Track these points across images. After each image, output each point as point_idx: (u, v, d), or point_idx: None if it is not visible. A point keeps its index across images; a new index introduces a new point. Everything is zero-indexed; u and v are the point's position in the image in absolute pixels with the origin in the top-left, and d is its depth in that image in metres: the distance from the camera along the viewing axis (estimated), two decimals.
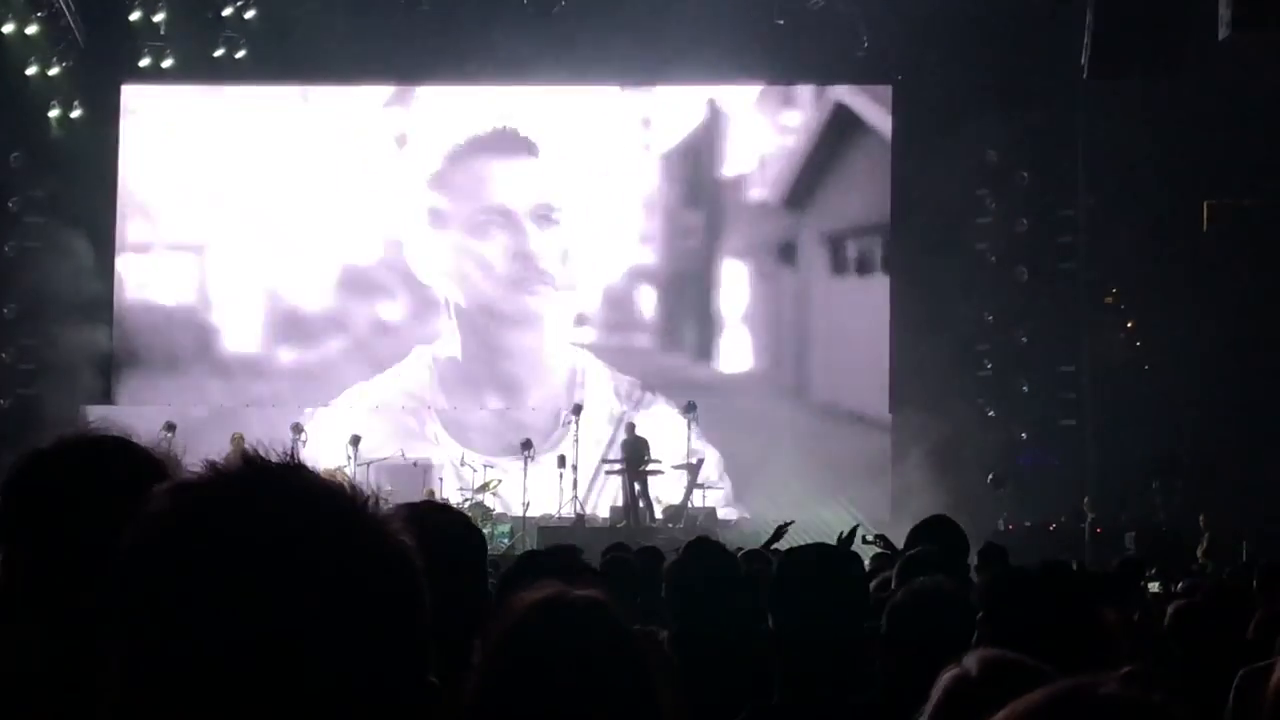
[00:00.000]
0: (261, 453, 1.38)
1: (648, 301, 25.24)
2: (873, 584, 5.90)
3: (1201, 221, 21.72)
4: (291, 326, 25.23)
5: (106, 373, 24.37)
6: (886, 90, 24.35)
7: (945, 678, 2.35)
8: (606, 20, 23.11)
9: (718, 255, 24.90)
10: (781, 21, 23.44)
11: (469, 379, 24.87)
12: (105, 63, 24.46)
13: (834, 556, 4.16)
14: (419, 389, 24.79)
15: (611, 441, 23.36)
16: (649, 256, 25.15)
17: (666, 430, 22.85)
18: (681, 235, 24.99)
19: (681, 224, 24.99)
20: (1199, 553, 18.46)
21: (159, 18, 23.88)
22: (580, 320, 25.08)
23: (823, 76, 24.22)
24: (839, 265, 24.49)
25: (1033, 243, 23.47)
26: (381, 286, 25.19)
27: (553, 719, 2.48)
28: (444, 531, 3.10)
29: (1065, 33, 20.11)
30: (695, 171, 25.06)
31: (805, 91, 24.73)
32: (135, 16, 23.76)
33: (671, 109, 25.12)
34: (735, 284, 24.84)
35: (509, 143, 25.02)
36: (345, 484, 1.37)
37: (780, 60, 23.40)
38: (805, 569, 3.96)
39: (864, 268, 24.41)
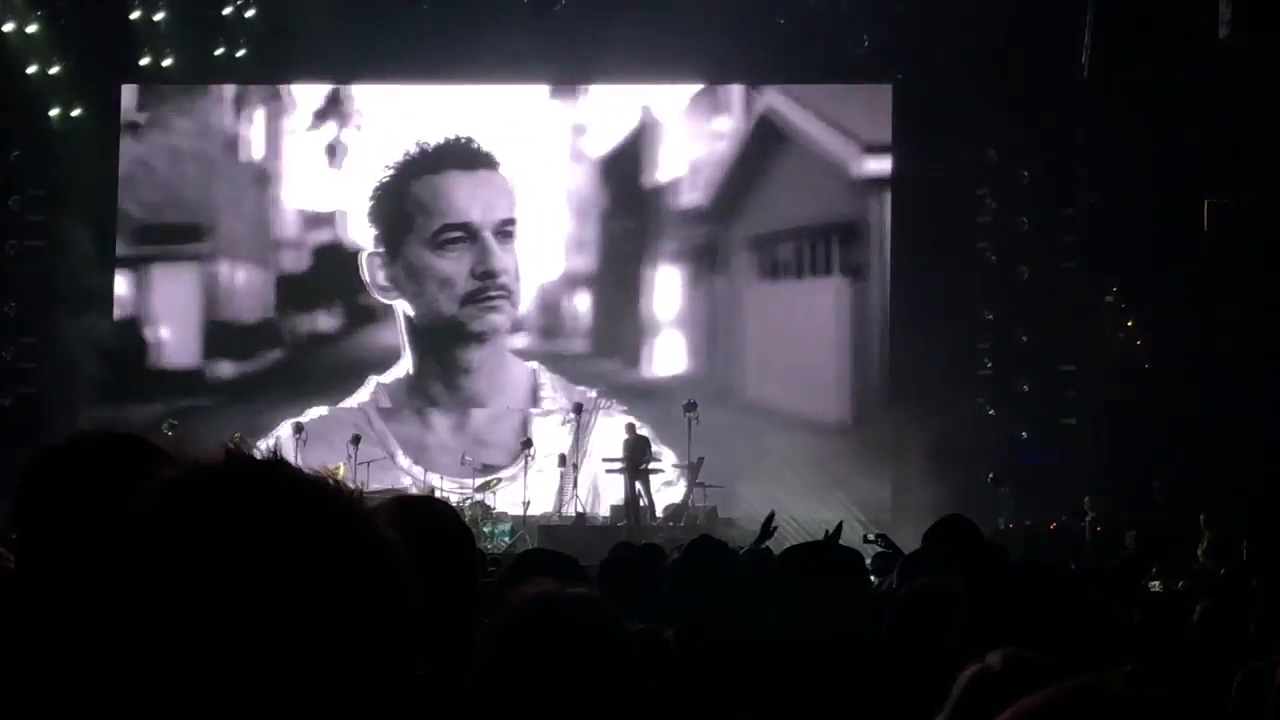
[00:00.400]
0: (246, 449, 1.38)
1: (583, 306, 25.24)
2: (880, 585, 5.90)
3: (1202, 220, 21.71)
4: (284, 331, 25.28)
5: (107, 371, 24.36)
6: (815, 94, 24.40)
7: (967, 674, 2.36)
8: (605, 20, 23.10)
9: (649, 260, 24.90)
10: (782, 21, 23.45)
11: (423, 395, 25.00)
12: (105, 62, 24.46)
13: (836, 555, 4.17)
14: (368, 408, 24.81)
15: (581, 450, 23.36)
16: (583, 263, 25.12)
17: (617, 436, 22.87)
18: (615, 240, 24.98)
19: (614, 229, 24.96)
20: (1199, 552, 18.45)
21: (159, 17, 23.89)
22: (515, 327, 25.03)
23: (822, 76, 24.21)
24: (771, 269, 24.54)
25: (1033, 241, 23.47)
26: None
27: (545, 715, 2.49)
28: (430, 526, 3.11)
29: (1066, 32, 20.15)
30: (626, 177, 25.01)
31: (737, 98, 24.71)
32: (135, 15, 23.76)
33: (607, 114, 25.09)
34: (667, 289, 24.84)
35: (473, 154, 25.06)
36: (329, 478, 1.37)
37: (780, 60, 23.38)
38: (807, 567, 3.96)
39: (799, 271, 24.44)
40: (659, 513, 22.07)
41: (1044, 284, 23.31)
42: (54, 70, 23.82)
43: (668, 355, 24.79)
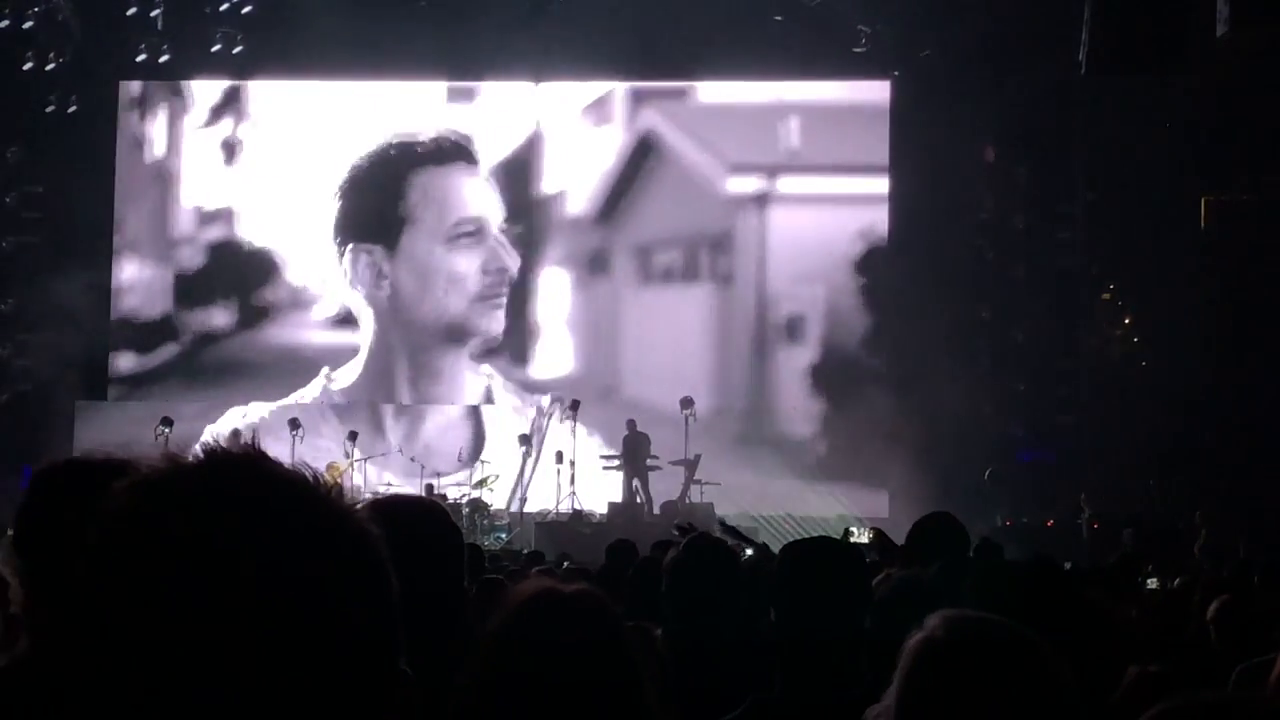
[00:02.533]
0: (223, 444, 1.37)
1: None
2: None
3: (1200, 218, 21.72)
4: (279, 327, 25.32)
5: (103, 368, 24.36)
6: (694, 114, 24.63)
7: (912, 641, 2.39)
8: (606, 17, 23.10)
9: (536, 265, 25.09)
10: (779, 18, 23.45)
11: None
12: (102, 57, 24.46)
13: (837, 550, 4.17)
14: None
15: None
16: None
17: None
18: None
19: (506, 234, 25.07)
20: (1196, 549, 18.45)
21: (156, 12, 23.89)
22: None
23: (821, 73, 24.21)
24: (650, 275, 24.83)
25: (1030, 239, 23.49)
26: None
27: (542, 711, 2.49)
28: (416, 523, 3.10)
29: (1063, 29, 20.12)
30: (518, 184, 25.24)
31: (621, 111, 24.92)
32: (132, 11, 23.75)
33: (499, 120, 25.22)
34: (555, 292, 25.06)
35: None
36: (307, 474, 1.36)
37: (778, 57, 23.37)
38: (808, 563, 3.96)
39: (681, 277, 24.66)
40: (655, 509, 22.06)
41: (1041, 282, 23.33)
42: (51, 66, 23.80)
43: (554, 356, 25.04)
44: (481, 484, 22.23)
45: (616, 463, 22.37)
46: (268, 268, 25.41)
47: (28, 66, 23.54)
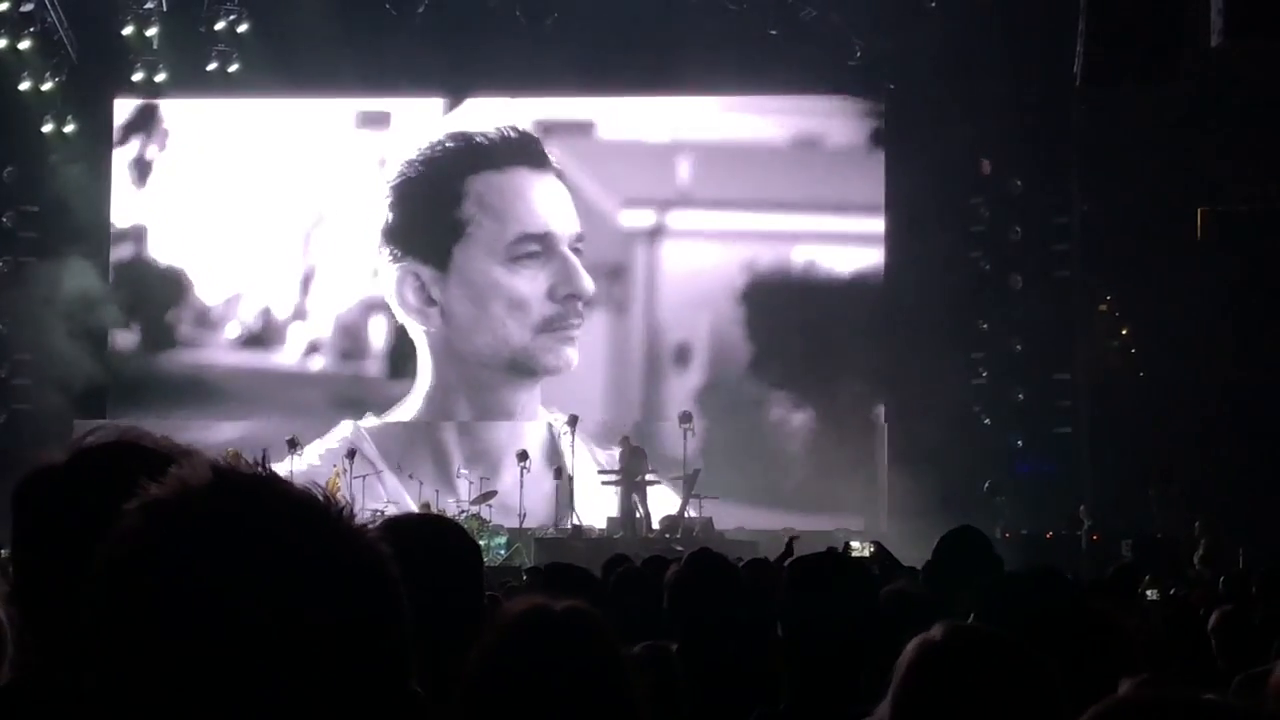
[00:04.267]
0: (234, 464, 1.37)
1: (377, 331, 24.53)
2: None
3: (1196, 228, 21.73)
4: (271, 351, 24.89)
5: (101, 387, 24.32)
6: (594, 150, 24.29)
7: (911, 646, 2.42)
8: (600, 32, 23.12)
9: None
10: (774, 32, 23.48)
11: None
12: (98, 77, 24.48)
13: (844, 565, 4.18)
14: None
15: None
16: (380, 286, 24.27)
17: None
18: None
19: None
20: (1195, 559, 18.46)
21: (151, 32, 23.91)
22: (311, 348, 24.50)
23: (815, 87, 24.24)
24: None
25: (1027, 250, 23.51)
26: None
27: None
28: (435, 541, 3.09)
29: (1058, 40, 20.16)
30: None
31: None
32: (128, 31, 23.77)
33: (412, 139, 24.38)
34: None
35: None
36: (318, 494, 1.36)
37: (772, 71, 23.39)
38: (816, 577, 3.96)
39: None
40: (655, 524, 22.04)
41: (1038, 293, 23.35)
42: (47, 85, 23.81)
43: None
44: (481, 499, 22.20)
45: (615, 478, 22.35)
46: (178, 287, 24.57)
47: (24, 86, 23.53)
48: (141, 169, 24.96)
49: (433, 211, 23.95)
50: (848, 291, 24.20)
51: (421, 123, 24.55)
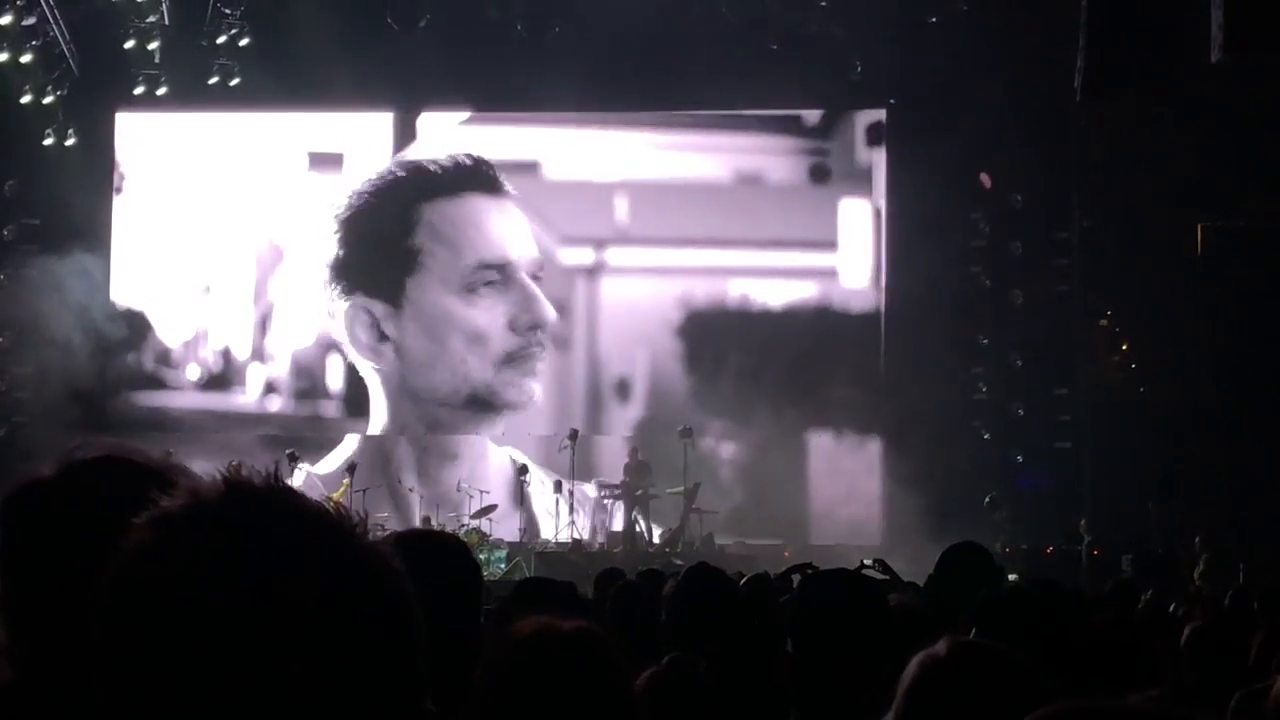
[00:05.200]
0: (245, 476, 1.35)
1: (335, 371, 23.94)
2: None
3: (1196, 244, 21.74)
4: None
5: (100, 402, 24.29)
6: (533, 190, 23.84)
7: (916, 660, 2.42)
8: (602, 47, 23.12)
9: None
10: (774, 46, 23.49)
11: None
12: (99, 90, 24.50)
13: (857, 584, 4.17)
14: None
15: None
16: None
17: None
18: None
19: None
20: (1196, 575, 18.43)
21: (153, 45, 23.93)
22: (269, 388, 24.06)
23: (816, 101, 24.27)
24: None
25: (1027, 266, 23.50)
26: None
27: None
28: (438, 558, 3.08)
29: (1059, 56, 20.19)
30: None
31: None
32: (129, 44, 23.80)
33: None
34: None
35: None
36: (333, 508, 1.34)
37: (773, 86, 23.40)
38: (828, 595, 3.95)
39: None
40: (655, 539, 22.02)
41: (1038, 308, 23.34)
42: (48, 99, 23.83)
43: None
44: (481, 514, 22.18)
45: (616, 491, 22.32)
46: (137, 329, 24.09)
47: (25, 100, 23.56)
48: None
49: (383, 243, 23.27)
50: (847, 308, 24.18)
51: (373, 160, 24.19)
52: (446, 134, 24.09)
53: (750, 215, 23.97)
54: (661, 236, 23.97)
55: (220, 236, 24.31)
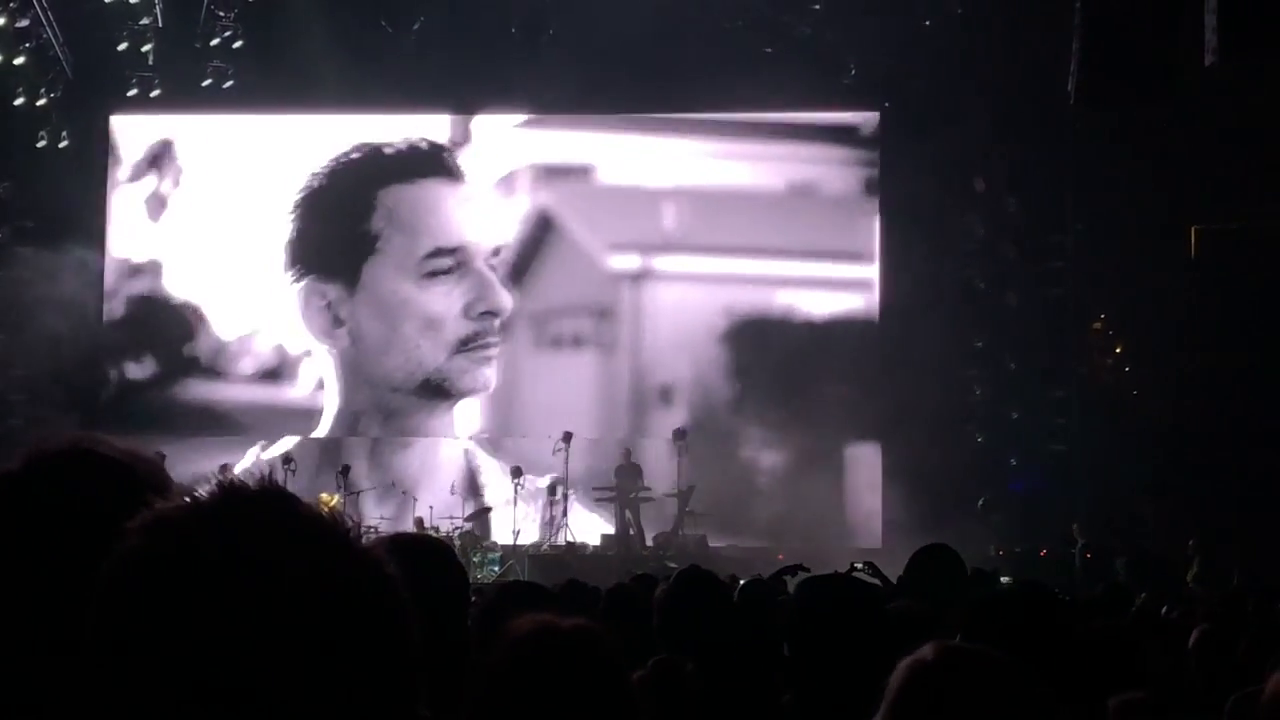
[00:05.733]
0: (241, 480, 1.34)
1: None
2: None
3: (1189, 247, 21.76)
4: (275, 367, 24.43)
5: (92, 405, 24.26)
6: (578, 193, 23.97)
7: (903, 664, 2.42)
8: (596, 50, 23.10)
9: None
10: (769, 50, 23.50)
11: None
12: (93, 93, 24.48)
13: (853, 587, 4.17)
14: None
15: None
16: None
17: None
18: None
19: None
20: (1189, 578, 18.45)
21: (147, 48, 23.91)
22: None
23: (810, 104, 24.27)
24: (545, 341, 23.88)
25: (1021, 269, 23.52)
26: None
27: None
28: (425, 563, 3.07)
29: (1053, 60, 20.21)
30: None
31: (525, 188, 23.96)
32: (123, 47, 23.77)
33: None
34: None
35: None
36: (328, 512, 1.34)
37: (768, 88, 23.39)
38: (826, 600, 3.95)
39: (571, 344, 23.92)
40: (648, 541, 22.02)
41: (1032, 311, 23.36)
42: (42, 101, 23.80)
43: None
44: (474, 516, 22.16)
45: (610, 494, 22.32)
46: (193, 321, 24.05)
47: (19, 102, 23.53)
48: (155, 202, 24.74)
49: (340, 226, 23.33)
50: (840, 315, 24.20)
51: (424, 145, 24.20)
52: (500, 136, 24.13)
53: (796, 225, 24.04)
54: (707, 244, 24.00)
55: (266, 227, 24.12)
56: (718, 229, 23.81)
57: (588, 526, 22.65)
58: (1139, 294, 21.93)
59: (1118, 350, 23.40)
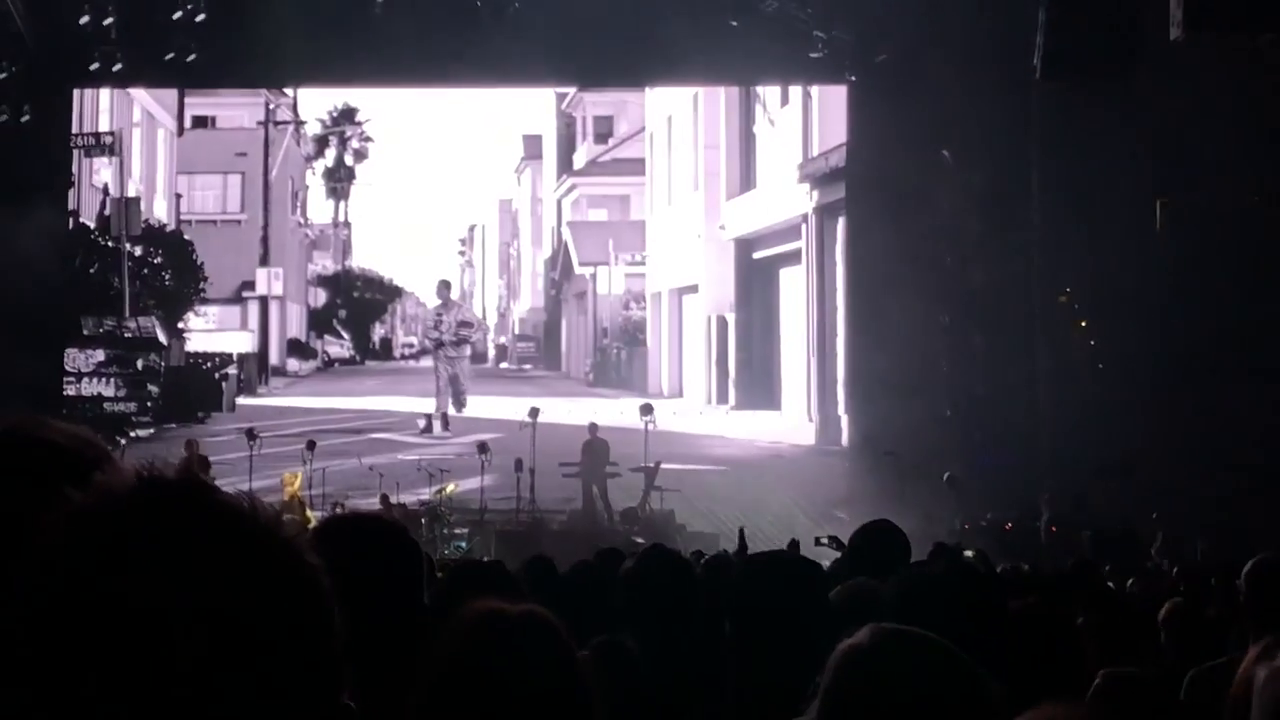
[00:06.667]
0: (158, 470, 1.32)
1: None
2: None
3: (1155, 220, 21.82)
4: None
5: (58, 387, 24.17)
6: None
7: (839, 649, 2.42)
8: (562, 23, 23.06)
9: None
10: (735, 23, 23.47)
11: None
12: (55, 67, 24.31)
13: (796, 565, 4.16)
14: None
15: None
16: None
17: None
18: None
19: None
20: (1153, 551, 18.53)
21: (109, 21, 23.75)
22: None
23: (777, 77, 24.28)
24: None
25: (987, 244, 23.55)
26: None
27: None
28: (375, 545, 3.05)
29: (1018, 34, 20.23)
30: None
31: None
32: (85, 20, 23.61)
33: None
34: None
35: None
36: (246, 503, 1.32)
37: (736, 61, 23.39)
38: (768, 577, 3.95)
39: None
40: (615, 517, 22.07)
41: (998, 286, 23.39)
42: (2, 75, 23.62)
43: None
44: (440, 493, 22.17)
45: (575, 470, 22.37)
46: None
47: None
48: (339, 178, 24.98)
49: None
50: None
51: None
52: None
53: None
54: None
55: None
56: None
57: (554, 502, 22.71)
58: (1105, 268, 21.99)
59: (1083, 324, 23.46)
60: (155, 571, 1.23)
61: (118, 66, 24.14)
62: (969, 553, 13.96)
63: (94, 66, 24.15)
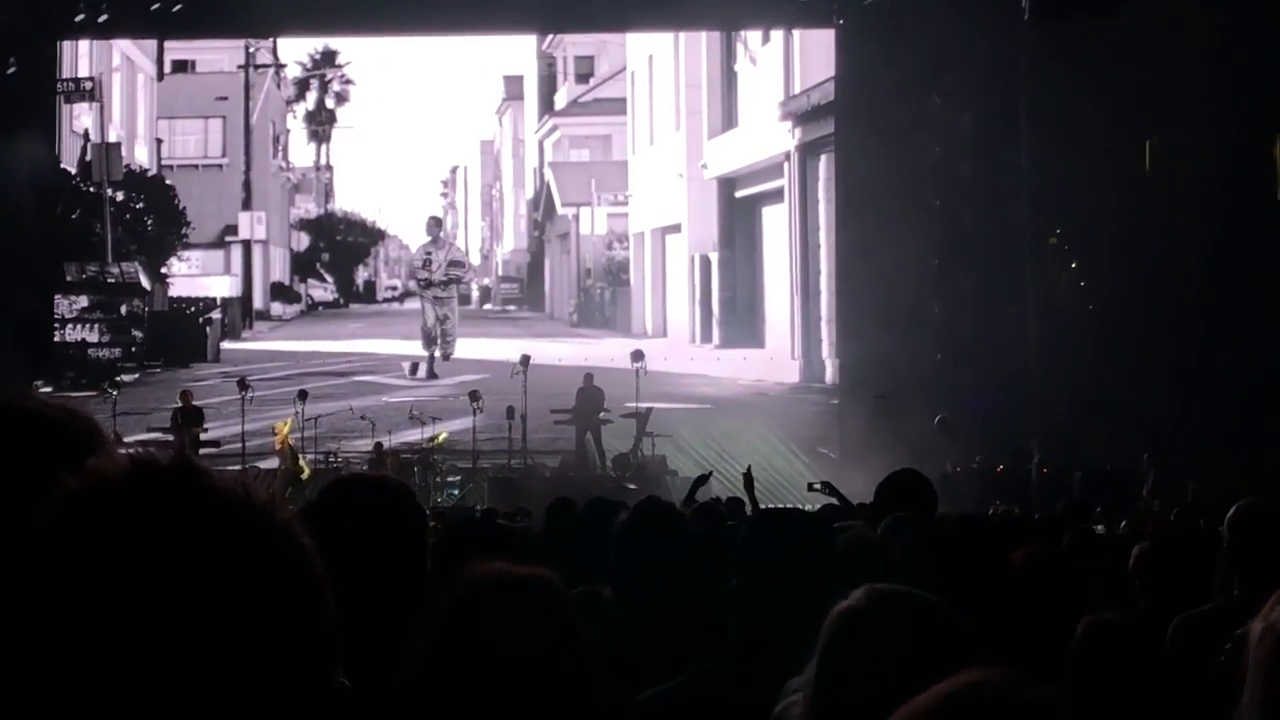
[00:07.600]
0: (153, 455, 1.33)
1: None
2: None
3: (1144, 161, 21.80)
4: None
5: (48, 340, 24.13)
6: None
7: (834, 611, 2.44)
8: None
9: None
10: None
11: None
12: (40, 19, 24.16)
13: (806, 521, 4.18)
14: None
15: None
16: None
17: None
18: None
19: None
20: (1144, 492, 18.60)
21: None
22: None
23: (765, 20, 24.18)
24: None
25: (976, 186, 23.50)
26: None
27: (494, 696, 2.49)
28: (378, 513, 3.07)
29: None
30: None
31: None
32: None
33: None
34: None
35: None
36: (240, 489, 1.33)
37: (721, 6, 23.27)
38: (777, 532, 3.96)
39: None
40: (607, 462, 22.11)
41: (987, 229, 23.36)
42: None
43: None
44: (432, 440, 22.21)
45: (568, 416, 22.39)
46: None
47: None
48: (319, 121, 24.90)
49: None
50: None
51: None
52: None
53: None
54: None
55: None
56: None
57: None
58: (1094, 209, 21.97)
59: (1073, 265, 23.46)
60: (148, 559, 1.24)
61: (103, 18, 23.99)
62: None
63: (79, 18, 24.00)
